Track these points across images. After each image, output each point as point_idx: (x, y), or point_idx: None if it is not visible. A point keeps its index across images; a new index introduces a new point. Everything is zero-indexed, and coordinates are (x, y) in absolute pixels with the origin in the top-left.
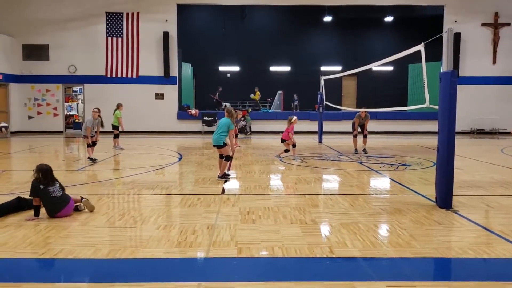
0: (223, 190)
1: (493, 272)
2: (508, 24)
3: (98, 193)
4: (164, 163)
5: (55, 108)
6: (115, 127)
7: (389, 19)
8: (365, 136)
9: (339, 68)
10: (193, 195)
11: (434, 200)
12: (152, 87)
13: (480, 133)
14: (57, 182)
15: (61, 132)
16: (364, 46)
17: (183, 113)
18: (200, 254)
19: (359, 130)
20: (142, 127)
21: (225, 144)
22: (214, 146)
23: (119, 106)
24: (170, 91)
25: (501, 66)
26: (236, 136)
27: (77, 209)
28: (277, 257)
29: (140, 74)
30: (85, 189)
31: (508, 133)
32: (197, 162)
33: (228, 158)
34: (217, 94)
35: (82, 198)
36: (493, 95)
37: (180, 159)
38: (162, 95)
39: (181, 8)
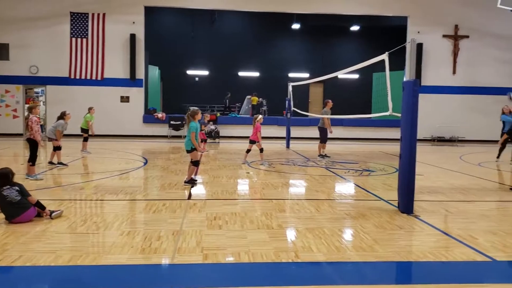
0: (190, 196)
1: (451, 275)
2: (467, 37)
3: (60, 198)
4: (129, 167)
5: (15, 110)
6: (84, 130)
7: (355, 28)
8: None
9: (306, 75)
10: (158, 201)
11: (396, 205)
12: (117, 89)
13: (440, 140)
14: (16, 187)
15: (21, 134)
16: (331, 54)
17: (149, 117)
18: (165, 261)
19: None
20: (107, 130)
21: (192, 149)
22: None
23: (90, 110)
24: (136, 94)
25: (461, 77)
26: (205, 141)
27: (39, 215)
28: (243, 262)
29: (105, 76)
30: (45, 194)
31: (467, 141)
32: (163, 167)
33: (196, 163)
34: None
35: (52, 212)
36: (453, 104)
37: (145, 163)
38: (127, 98)
39: (149, 10)
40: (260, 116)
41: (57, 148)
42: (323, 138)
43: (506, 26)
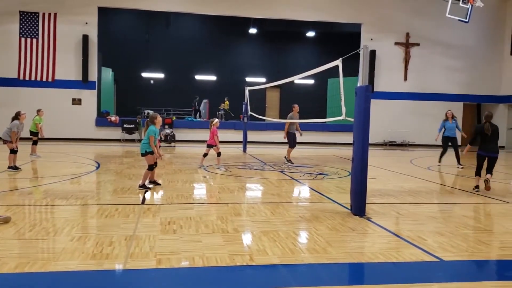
0: (143, 200)
1: (402, 276)
2: (418, 44)
3: (7, 203)
4: (81, 171)
5: None
6: (33, 134)
7: (311, 34)
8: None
9: (263, 79)
10: (110, 205)
11: (349, 207)
12: (69, 91)
13: (392, 145)
14: None
15: None
16: (287, 59)
17: (102, 120)
18: (117, 266)
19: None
20: (57, 133)
21: (147, 153)
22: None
23: (38, 112)
24: (89, 97)
25: (411, 83)
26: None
27: None
28: (197, 267)
29: (56, 77)
30: None
31: (417, 145)
32: (116, 171)
33: (149, 168)
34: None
35: None
36: (404, 110)
37: (98, 167)
38: (79, 100)
39: (103, 11)
40: (217, 120)
41: (13, 151)
42: (290, 143)
43: (454, 35)
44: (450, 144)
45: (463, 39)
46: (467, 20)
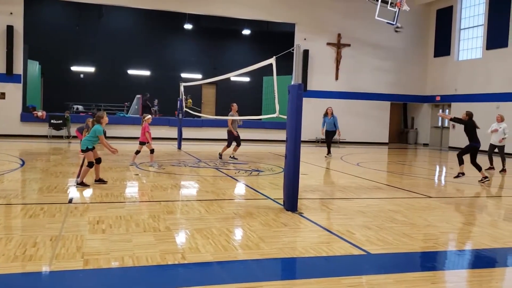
0: (71, 199)
1: (331, 269)
2: (349, 45)
3: None
4: (3, 169)
5: None
6: None
7: (247, 32)
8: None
9: (199, 76)
10: (35, 205)
11: (282, 203)
12: None
13: (323, 142)
14: None
15: None
16: (223, 56)
17: (27, 115)
18: (41, 268)
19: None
20: None
21: (87, 149)
22: None
23: None
24: (13, 90)
25: (342, 82)
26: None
27: None
28: (127, 267)
29: None
30: None
31: (348, 142)
32: (42, 169)
33: (88, 164)
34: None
35: None
36: (336, 108)
37: (22, 165)
38: (3, 94)
39: (29, 1)
40: (149, 116)
41: None
42: (229, 142)
43: (383, 37)
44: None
45: (391, 41)
46: (394, 23)
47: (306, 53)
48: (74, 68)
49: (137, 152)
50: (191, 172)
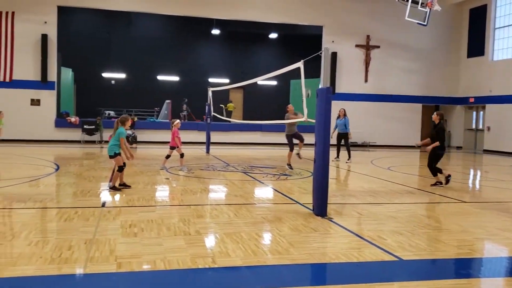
0: (104, 203)
1: (362, 275)
2: (378, 47)
3: None
4: (39, 174)
5: None
6: None
7: (274, 35)
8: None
9: (226, 80)
10: (70, 209)
11: (311, 208)
12: (27, 92)
13: (353, 145)
14: None
15: None
16: (250, 60)
17: (61, 121)
18: (76, 271)
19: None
20: (15, 135)
21: (116, 154)
22: None
23: None
24: (48, 97)
25: (372, 85)
26: None
27: None
28: (158, 270)
29: (14, 78)
30: None
31: (378, 146)
32: (76, 173)
33: (118, 169)
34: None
35: None
36: (365, 111)
37: (57, 169)
38: (38, 101)
39: (62, 10)
40: (178, 120)
41: None
42: (291, 146)
43: (413, 38)
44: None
45: (421, 42)
46: (425, 24)
47: (334, 55)
48: (105, 75)
49: (168, 156)
50: (220, 176)
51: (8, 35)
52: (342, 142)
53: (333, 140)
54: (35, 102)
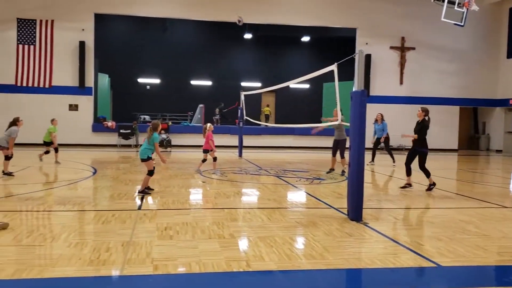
0: (140, 206)
1: (399, 281)
2: (413, 48)
3: (4, 209)
4: (77, 177)
5: None
6: (46, 143)
7: (306, 38)
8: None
9: (258, 84)
10: (107, 211)
11: (346, 213)
12: (66, 97)
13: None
14: None
15: None
16: (282, 64)
17: (98, 125)
18: (114, 272)
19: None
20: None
21: (148, 158)
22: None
23: (52, 121)
24: (85, 102)
25: (407, 87)
26: None
27: None
28: (194, 273)
29: (53, 84)
30: None
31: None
32: (112, 177)
33: (149, 173)
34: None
35: None
36: (400, 114)
37: (94, 173)
38: (76, 106)
39: (99, 18)
40: (209, 124)
41: (8, 158)
42: (342, 152)
43: (449, 39)
44: (382, 144)
45: (458, 43)
46: (462, 24)
47: (368, 57)
48: (140, 80)
49: (204, 160)
50: (252, 179)
51: (47, 43)
52: (379, 146)
53: (368, 144)
54: (73, 108)
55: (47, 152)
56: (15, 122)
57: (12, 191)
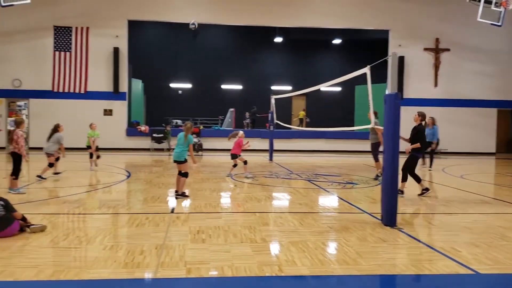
0: (173, 209)
1: None
2: (448, 50)
3: (42, 212)
4: (112, 181)
5: None
6: (89, 148)
7: (337, 41)
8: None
9: (289, 87)
10: (141, 214)
11: (380, 218)
12: (100, 102)
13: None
14: (1, 202)
15: (2, 148)
16: (313, 67)
17: (132, 130)
18: (148, 275)
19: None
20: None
21: (185, 160)
22: (175, 161)
23: (90, 126)
24: (119, 107)
25: (442, 89)
26: None
27: (22, 230)
28: (226, 276)
29: (88, 89)
30: (28, 207)
31: (449, 153)
32: (146, 180)
33: (186, 175)
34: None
35: (29, 225)
36: (435, 117)
37: (128, 176)
38: (110, 111)
39: (132, 24)
40: (241, 132)
41: (51, 165)
42: (376, 156)
43: (485, 39)
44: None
45: (496, 43)
46: (500, 24)
47: (401, 59)
48: (172, 85)
49: (235, 165)
50: (283, 183)
51: (83, 49)
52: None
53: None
54: (108, 112)
55: (98, 157)
56: (56, 129)
57: (50, 194)
